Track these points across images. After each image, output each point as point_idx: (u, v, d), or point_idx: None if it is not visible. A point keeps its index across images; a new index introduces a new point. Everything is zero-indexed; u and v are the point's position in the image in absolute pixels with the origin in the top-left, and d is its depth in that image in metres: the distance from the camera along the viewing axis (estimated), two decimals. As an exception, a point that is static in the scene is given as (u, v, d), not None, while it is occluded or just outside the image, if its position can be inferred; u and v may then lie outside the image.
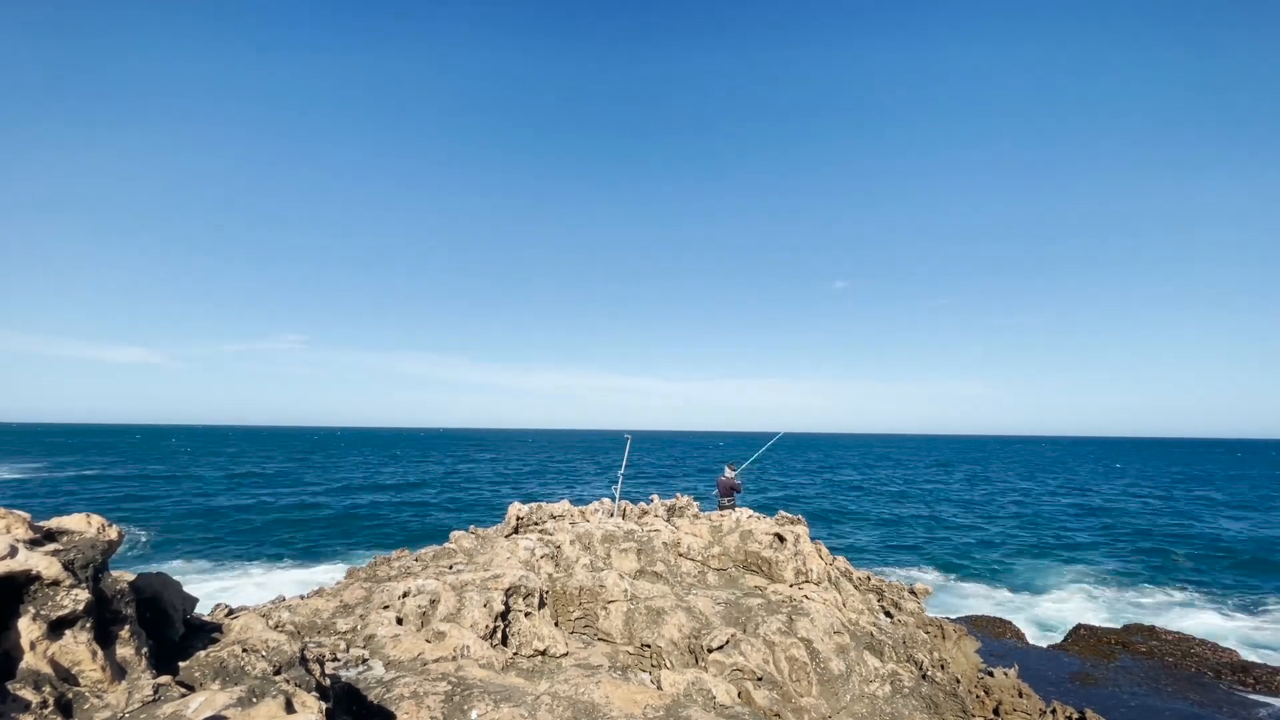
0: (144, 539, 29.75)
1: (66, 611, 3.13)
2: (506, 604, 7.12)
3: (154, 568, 4.86)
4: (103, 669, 3.15)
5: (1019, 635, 17.35)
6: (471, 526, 11.68)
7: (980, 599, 22.20)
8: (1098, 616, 19.59)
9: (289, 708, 3.00)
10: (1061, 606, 21.34)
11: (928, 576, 24.41)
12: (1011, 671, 10.20)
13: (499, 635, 6.67)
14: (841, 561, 11.66)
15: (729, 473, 14.06)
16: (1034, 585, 24.01)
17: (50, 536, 3.54)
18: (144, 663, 3.41)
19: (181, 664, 3.62)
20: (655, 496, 14.25)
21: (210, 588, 21.24)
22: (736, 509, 12.63)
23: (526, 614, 7.22)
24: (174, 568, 24.10)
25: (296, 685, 3.32)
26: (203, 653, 3.71)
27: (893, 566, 26.33)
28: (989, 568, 26.75)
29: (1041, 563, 27.55)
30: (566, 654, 6.80)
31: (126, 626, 3.44)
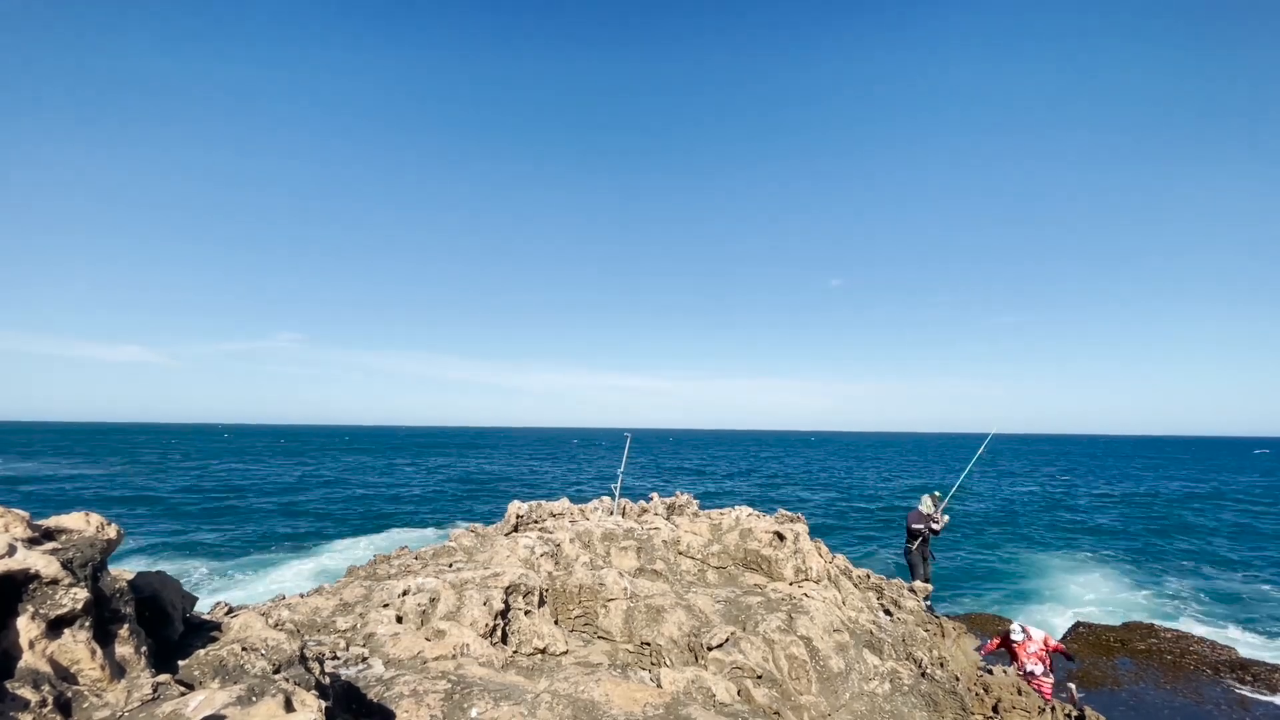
0: (142, 537, 29.73)
1: (65, 610, 3.12)
2: (506, 602, 7.11)
3: (153, 566, 4.86)
4: (102, 668, 3.15)
5: (1018, 633, 17.34)
6: (471, 525, 11.68)
7: (980, 597, 22.23)
8: (1097, 614, 19.62)
9: (288, 706, 3.00)
10: (1060, 604, 21.37)
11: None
12: (1011, 669, 10.21)
13: (499, 633, 6.66)
14: (841, 559, 11.67)
15: (927, 506, 12.70)
16: (1033, 583, 24.04)
17: (49, 535, 3.53)
18: (143, 661, 3.40)
19: (181, 663, 3.61)
20: (655, 494, 14.24)
21: (210, 586, 21.24)
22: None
23: (526, 612, 7.21)
24: (173, 566, 24.09)
25: (296, 684, 3.32)
26: (202, 651, 3.70)
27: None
28: (989, 566, 26.79)
29: (1040, 560, 27.58)
30: (566, 652, 6.80)
31: (125, 625, 3.44)
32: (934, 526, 12.95)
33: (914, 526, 13.06)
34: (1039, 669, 10.62)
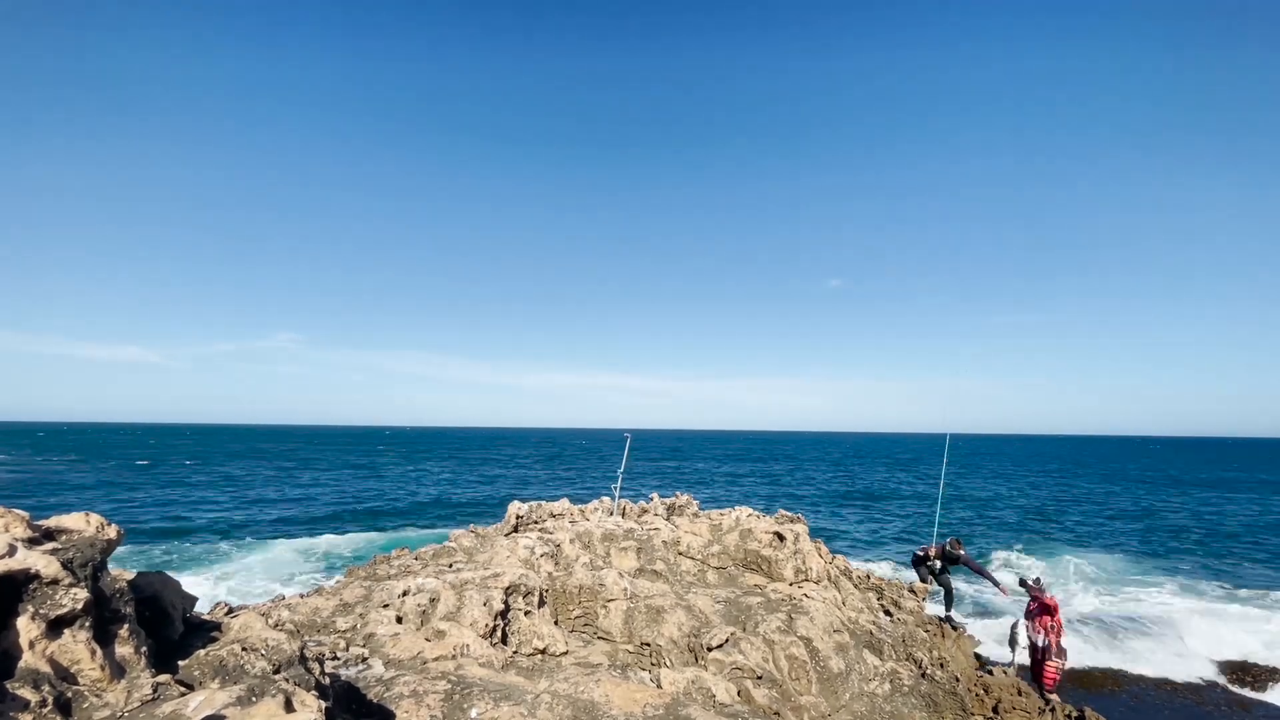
0: (142, 537, 29.73)
1: (65, 610, 3.13)
2: (506, 602, 7.11)
3: (154, 566, 4.87)
4: (102, 668, 3.15)
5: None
6: (471, 525, 11.68)
7: (980, 597, 22.21)
8: (1097, 613, 19.59)
9: (288, 706, 3.00)
10: (1060, 604, 21.32)
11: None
12: (1011, 670, 10.21)
13: (499, 634, 6.67)
14: (841, 560, 11.68)
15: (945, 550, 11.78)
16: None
17: (49, 535, 3.54)
18: (143, 661, 3.40)
19: (181, 663, 3.61)
20: (655, 495, 14.24)
21: (209, 586, 21.23)
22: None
23: (526, 612, 7.22)
24: (173, 566, 24.09)
25: (296, 684, 3.32)
26: (202, 651, 3.70)
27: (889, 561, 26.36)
28: (991, 565, 26.78)
29: (1039, 560, 27.58)
30: (566, 652, 6.80)
31: (126, 625, 3.44)
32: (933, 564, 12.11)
33: (918, 553, 12.33)
34: (1043, 639, 9.80)
